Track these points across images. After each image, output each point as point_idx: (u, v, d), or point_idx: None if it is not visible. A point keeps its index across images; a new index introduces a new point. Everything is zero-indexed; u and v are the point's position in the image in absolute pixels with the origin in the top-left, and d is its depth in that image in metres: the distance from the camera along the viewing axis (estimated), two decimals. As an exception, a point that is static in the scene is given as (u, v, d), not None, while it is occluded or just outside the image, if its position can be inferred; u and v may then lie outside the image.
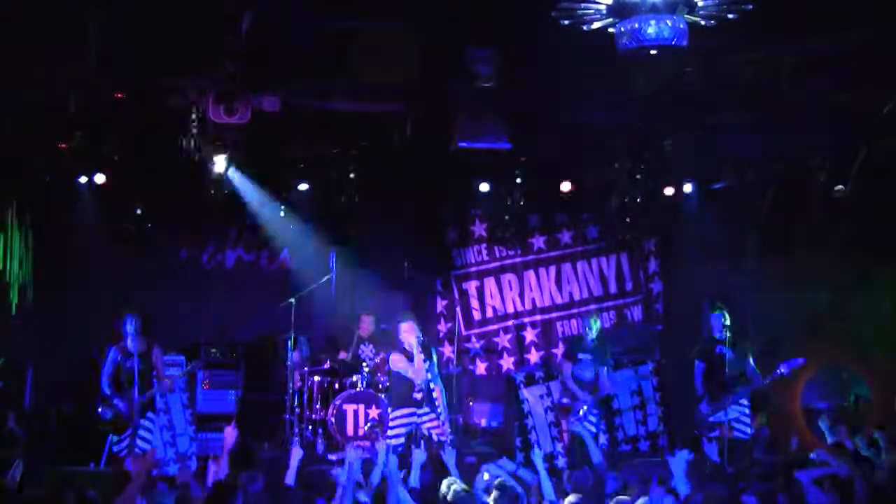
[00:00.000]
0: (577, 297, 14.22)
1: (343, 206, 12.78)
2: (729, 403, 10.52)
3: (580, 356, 11.04)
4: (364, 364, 12.42)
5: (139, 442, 10.02)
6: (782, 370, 10.39)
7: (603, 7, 7.49)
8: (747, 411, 10.78)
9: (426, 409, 10.25)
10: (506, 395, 12.94)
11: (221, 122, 10.28)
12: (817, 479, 7.82)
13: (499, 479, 7.72)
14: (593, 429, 10.79)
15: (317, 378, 12.39)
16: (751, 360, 10.70)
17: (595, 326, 11.05)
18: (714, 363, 10.74)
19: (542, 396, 12.37)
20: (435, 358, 10.44)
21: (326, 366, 12.63)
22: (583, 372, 11.04)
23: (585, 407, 10.86)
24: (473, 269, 14.17)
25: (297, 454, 7.79)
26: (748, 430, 10.78)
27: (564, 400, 11.31)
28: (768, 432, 12.06)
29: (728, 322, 10.61)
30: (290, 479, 7.67)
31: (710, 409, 10.64)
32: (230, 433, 8.05)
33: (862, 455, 9.57)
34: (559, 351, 13.89)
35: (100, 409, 10.12)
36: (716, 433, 10.61)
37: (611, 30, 7.59)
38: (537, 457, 8.29)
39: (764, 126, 11.36)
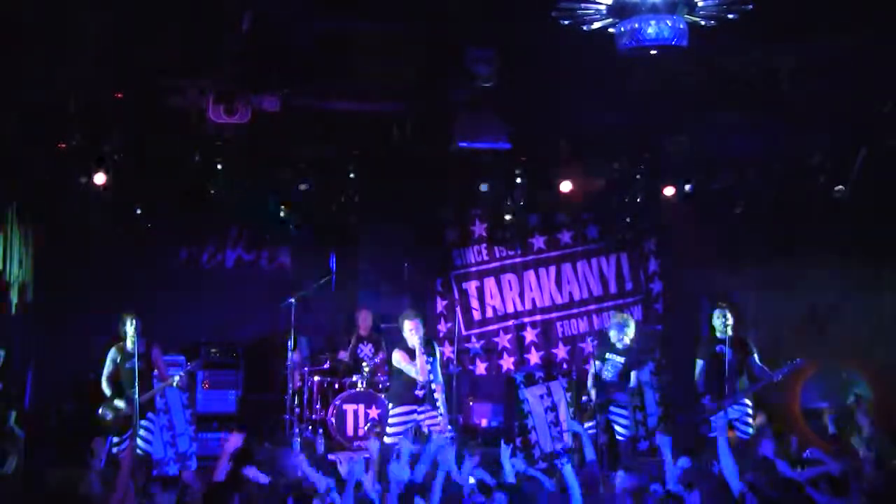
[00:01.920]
0: (577, 297, 14.21)
1: (343, 206, 12.79)
2: (730, 403, 10.57)
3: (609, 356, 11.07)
4: (364, 364, 12.43)
5: (139, 442, 10.01)
6: (785, 371, 10.47)
7: (603, 7, 7.48)
8: (749, 411, 10.81)
9: (427, 407, 10.27)
10: (506, 395, 12.96)
11: (221, 122, 10.28)
12: (812, 478, 7.80)
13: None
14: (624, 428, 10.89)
15: (317, 378, 12.43)
16: (755, 357, 10.71)
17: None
18: (715, 362, 10.75)
19: (542, 396, 12.38)
20: (438, 354, 10.46)
21: (326, 366, 12.65)
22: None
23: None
24: (473, 269, 14.16)
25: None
26: (749, 430, 10.80)
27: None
28: (770, 433, 12.04)
29: (730, 321, 10.63)
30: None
31: (713, 406, 10.66)
32: (234, 440, 7.95)
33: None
34: (559, 351, 13.92)
35: (100, 410, 10.12)
36: (715, 432, 10.61)
37: (611, 30, 7.59)
38: (504, 456, 8.26)
39: (764, 126, 11.36)
